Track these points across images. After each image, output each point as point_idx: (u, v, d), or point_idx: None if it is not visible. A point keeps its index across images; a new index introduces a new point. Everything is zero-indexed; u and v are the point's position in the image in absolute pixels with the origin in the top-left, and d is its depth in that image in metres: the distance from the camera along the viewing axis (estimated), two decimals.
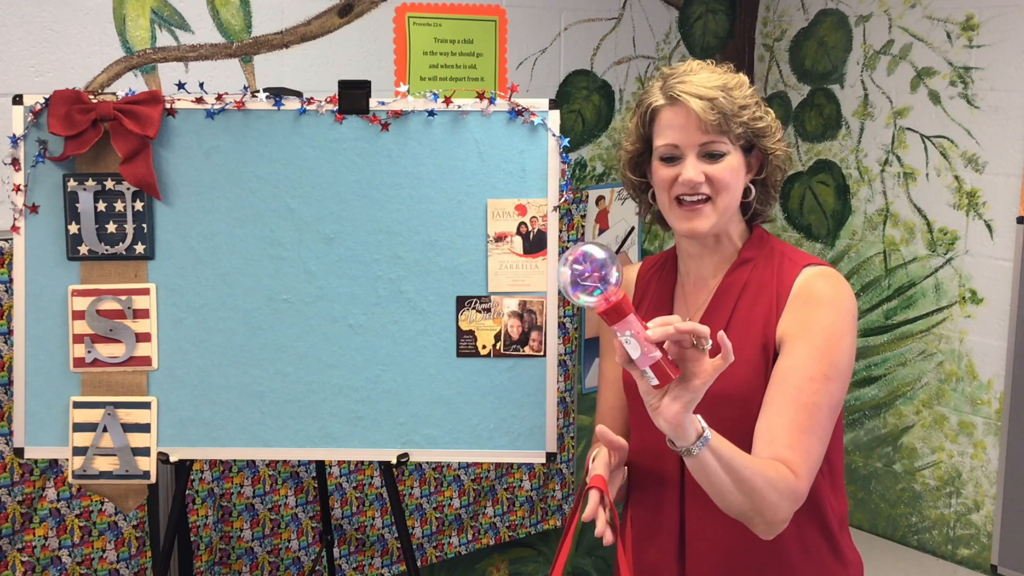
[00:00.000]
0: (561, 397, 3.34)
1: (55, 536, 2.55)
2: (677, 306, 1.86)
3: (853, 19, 3.56)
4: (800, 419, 1.64)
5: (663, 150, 1.76)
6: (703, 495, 1.67)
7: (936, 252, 3.40)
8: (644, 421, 1.80)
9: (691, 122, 1.72)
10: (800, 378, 1.66)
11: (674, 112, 1.74)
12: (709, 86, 1.72)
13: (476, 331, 2.14)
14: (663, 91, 1.77)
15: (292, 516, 2.91)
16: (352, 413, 2.14)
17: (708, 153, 1.73)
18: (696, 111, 1.70)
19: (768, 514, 1.59)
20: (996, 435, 3.27)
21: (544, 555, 3.51)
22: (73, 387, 2.12)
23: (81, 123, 2.03)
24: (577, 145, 3.36)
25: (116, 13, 2.53)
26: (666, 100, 1.75)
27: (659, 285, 1.91)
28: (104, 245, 2.10)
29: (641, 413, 1.80)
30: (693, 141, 1.73)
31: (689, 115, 1.72)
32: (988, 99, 3.23)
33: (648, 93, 1.80)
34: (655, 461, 1.81)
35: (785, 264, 1.78)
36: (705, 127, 1.71)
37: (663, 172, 1.76)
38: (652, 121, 1.78)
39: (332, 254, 2.12)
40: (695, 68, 1.78)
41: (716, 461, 1.53)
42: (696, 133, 1.72)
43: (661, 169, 1.77)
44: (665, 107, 1.75)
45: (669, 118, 1.75)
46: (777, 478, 1.58)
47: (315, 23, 2.81)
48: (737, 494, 1.56)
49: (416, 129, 2.11)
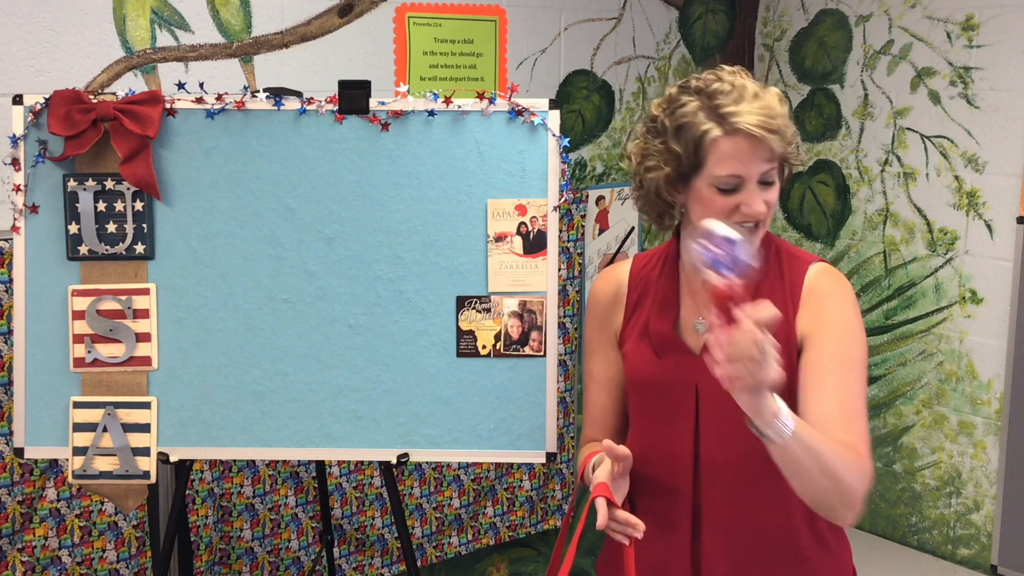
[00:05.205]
0: (561, 397, 3.33)
1: (55, 536, 2.55)
2: (685, 305, 1.83)
3: (853, 19, 3.56)
4: (846, 405, 1.66)
5: (724, 181, 1.68)
6: (719, 488, 1.68)
7: (936, 252, 3.40)
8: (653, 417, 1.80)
9: (756, 153, 1.66)
10: (836, 366, 1.69)
11: (735, 143, 1.66)
12: (773, 115, 1.66)
13: (476, 331, 2.14)
14: (718, 120, 1.67)
15: (292, 516, 2.91)
16: (352, 413, 2.14)
17: (764, 180, 1.69)
18: (772, 146, 1.65)
19: (850, 498, 1.59)
20: (996, 435, 3.27)
21: (544, 555, 3.51)
22: (73, 387, 2.12)
23: (81, 123, 2.03)
24: (577, 145, 3.36)
25: (116, 13, 2.53)
26: (725, 131, 1.66)
27: (662, 284, 1.87)
28: (104, 245, 2.10)
29: (651, 410, 1.79)
30: (756, 171, 1.67)
31: (755, 147, 1.66)
32: (988, 99, 3.23)
33: (691, 117, 1.69)
34: (664, 452, 1.79)
35: (794, 263, 1.79)
36: (770, 157, 1.67)
37: (720, 201, 1.69)
38: (706, 149, 1.68)
39: (332, 254, 2.12)
40: (742, 89, 1.69)
41: (798, 445, 1.53)
42: (760, 163, 1.67)
43: (717, 197, 1.69)
44: (724, 137, 1.66)
45: (731, 149, 1.66)
46: (852, 458, 1.59)
47: (315, 23, 2.81)
48: (821, 478, 1.56)
49: (416, 129, 2.11)
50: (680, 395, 1.78)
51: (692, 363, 1.77)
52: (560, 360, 3.30)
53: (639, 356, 1.83)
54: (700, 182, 1.70)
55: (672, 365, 1.79)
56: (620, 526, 1.63)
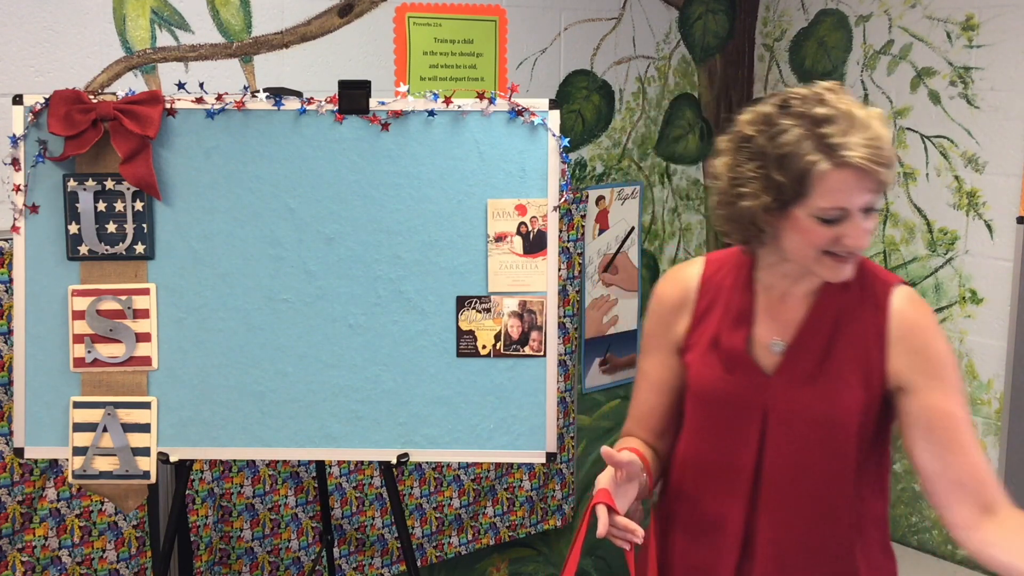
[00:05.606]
0: (561, 397, 3.33)
1: (55, 536, 2.54)
2: (761, 320, 1.77)
3: (853, 19, 3.56)
4: (981, 456, 1.69)
5: (828, 213, 1.61)
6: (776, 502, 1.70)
7: (936, 252, 3.40)
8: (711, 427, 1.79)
9: (863, 185, 1.60)
10: (964, 413, 1.70)
11: (843, 176, 1.59)
12: (882, 144, 1.60)
13: (476, 331, 2.14)
14: (826, 152, 1.59)
15: (292, 516, 2.91)
16: (352, 413, 2.14)
17: (867, 209, 1.63)
18: (881, 178, 1.60)
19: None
20: (996, 435, 3.27)
21: (544, 555, 3.51)
22: (73, 387, 2.12)
23: (81, 123, 2.03)
24: (577, 145, 3.36)
25: (116, 13, 2.53)
26: (835, 164, 1.58)
27: (736, 296, 1.80)
28: (104, 245, 2.10)
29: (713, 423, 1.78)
30: (861, 203, 1.61)
31: (862, 179, 1.59)
32: (988, 99, 3.23)
33: (795, 147, 1.61)
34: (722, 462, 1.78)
35: (876, 284, 1.75)
36: (877, 187, 1.61)
37: (821, 232, 1.62)
38: (812, 182, 1.60)
39: (332, 254, 2.12)
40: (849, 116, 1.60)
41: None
42: (866, 194, 1.61)
43: (818, 228, 1.62)
44: (833, 171, 1.59)
45: (839, 182, 1.59)
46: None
47: (315, 23, 2.81)
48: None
49: (416, 129, 2.11)
50: (747, 414, 1.75)
51: (763, 384, 1.74)
52: (560, 360, 3.30)
53: (706, 369, 1.79)
54: (800, 211, 1.63)
55: (741, 383, 1.75)
56: (621, 532, 1.63)
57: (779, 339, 1.75)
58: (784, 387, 1.73)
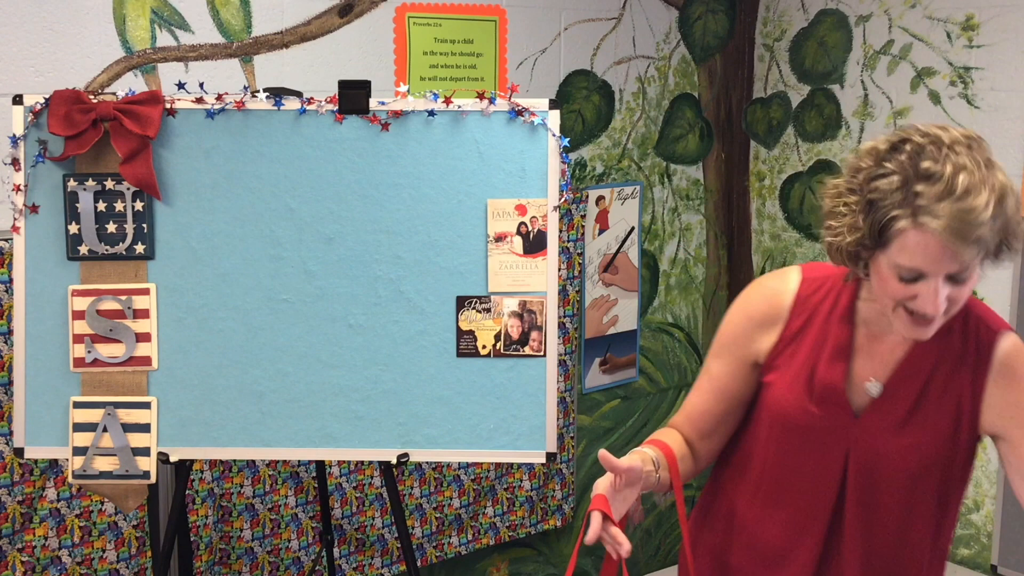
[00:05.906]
0: (561, 397, 3.34)
1: (55, 536, 2.55)
2: (859, 357, 1.70)
3: (853, 19, 3.56)
4: None
5: (904, 271, 1.53)
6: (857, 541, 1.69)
7: None
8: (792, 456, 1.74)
9: (945, 254, 1.49)
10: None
11: (924, 239, 1.49)
12: (975, 221, 1.46)
13: (476, 331, 2.14)
14: (911, 210, 1.49)
15: (292, 516, 2.91)
16: (352, 413, 2.14)
17: (954, 277, 1.53)
18: (962, 256, 1.48)
19: None
20: None
21: (544, 555, 3.51)
22: (73, 387, 2.12)
23: (81, 123, 2.03)
24: (577, 145, 3.36)
25: (116, 13, 2.53)
26: (914, 225, 1.48)
27: (835, 328, 1.71)
28: (104, 245, 2.10)
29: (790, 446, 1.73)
30: (942, 270, 1.51)
31: (944, 248, 1.48)
32: (988, 99, 3.23)
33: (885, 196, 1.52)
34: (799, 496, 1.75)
35: (981, 330, 1.69)
36: (962, 261, 1.50)
37: (896, 287, 1.55)
38: (891, 236, 1.52)
39: (332, 254, 2.12)
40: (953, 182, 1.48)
41: None
42: (949, 264, 1.50)
43: (893, 282, 1.55)
44: (913, 230, 1.49)
45: (918, 243, 1.50)
46: None
47: (315, 23, 2.81)
48: None
49: (416, 129, 2.11)
50: (830, 451, 1.71)
51: (849, 424, 1.69)
52: (560, 360, 3.30)
53: (791, 395, 1.72)
54: (883, 259, 1.55)
55: (828, 418, 1.70)
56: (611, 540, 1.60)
57: (876, 380, 1.69)
58: (871, 432, 1.68)
